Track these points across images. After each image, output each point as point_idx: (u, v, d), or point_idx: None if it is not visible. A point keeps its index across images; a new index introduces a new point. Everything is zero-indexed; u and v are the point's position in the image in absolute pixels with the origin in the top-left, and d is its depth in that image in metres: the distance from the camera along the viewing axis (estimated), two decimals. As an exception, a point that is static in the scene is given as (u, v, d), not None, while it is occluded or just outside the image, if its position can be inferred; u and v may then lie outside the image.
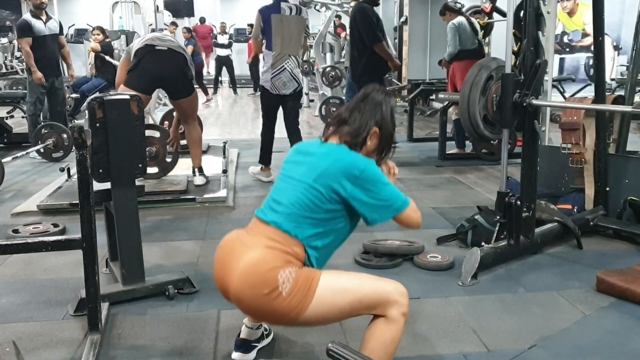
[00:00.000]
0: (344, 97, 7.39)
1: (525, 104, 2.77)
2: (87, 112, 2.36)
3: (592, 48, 3.38)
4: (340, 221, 1.73)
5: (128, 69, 3.89)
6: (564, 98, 7.74)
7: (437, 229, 3.47)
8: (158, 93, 7.81)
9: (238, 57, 14.13)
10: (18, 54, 11.86)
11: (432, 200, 4.20)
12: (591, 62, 5.31)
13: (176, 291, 2.59)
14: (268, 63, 4.50)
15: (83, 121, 2.31)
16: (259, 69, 4.77)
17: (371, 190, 1.69)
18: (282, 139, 4.81)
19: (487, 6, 6.88)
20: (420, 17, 11.04)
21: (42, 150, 5.52)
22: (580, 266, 2.92)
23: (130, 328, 2.31)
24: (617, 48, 9.58)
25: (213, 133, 7.49)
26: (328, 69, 8.20)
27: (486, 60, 3.20)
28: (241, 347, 2.06)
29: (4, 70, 10.73)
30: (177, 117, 4.59)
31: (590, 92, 3.84)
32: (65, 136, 5.56)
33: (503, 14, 6.12)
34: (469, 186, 4.65)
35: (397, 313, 1.63)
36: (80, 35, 12.79)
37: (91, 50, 7.66)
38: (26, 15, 6.04)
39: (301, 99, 5.01)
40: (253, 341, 2.07)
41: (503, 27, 3.00)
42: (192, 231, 3.54)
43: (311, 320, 1.65)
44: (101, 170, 2.39)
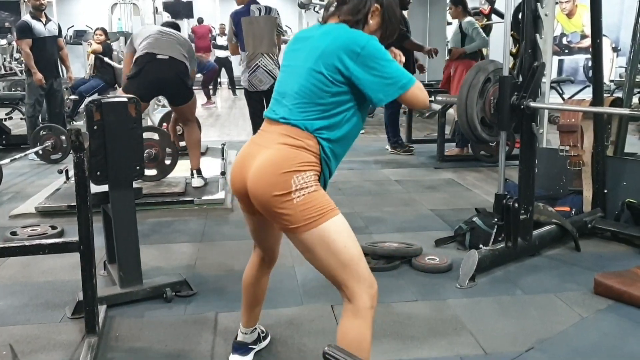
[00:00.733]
0: None
1: (523, 107, 2.77)
2: (85, 115, 2.35)
3: (590, 50, 3.38)
4: (348, 107, 1.65)
5: (128, 76, 3.89)
6: (563, 99, 7.75)
7: (435, 231, 3.47)
8: (157, 95, 7.80)
9: (237, 59, 14.12)
10: (17, 56, 11.85)
11: (431, 202, 4.20)
12: (590, 64, 5.31)
13: (174, 294, 2.58)
14: (244, 63, 4.71)
15: (82, 122, 2.31)
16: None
17: (374, 67, 1.60)
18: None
19: (486, 8, 6.91)
20: (419, 18, 11.05)
21: (41, 152, 5.52)
22: (578, 269, 2.92)
23: (127, 331, 2.31)
24: (616, 50, 9.60)
25: (212, 134, 7.49)
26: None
27: (484, 62, 3.21)
28: (238, 350, 2.06)
29: (3, 71, 10.72)
30: (175, 118, 4.62)
31: (589, 94, 3.84)
32: (63, 138, 5.56)
33: (501, 16, 6.13)
34: (467, 188, 4.65)
35: (364, 306, 1.59)
36: (79, 36, 12.79)
37: (92, 52, 7.66)
38: (26, 16, 6.05)
39: None
40: (250, 344, 2.07)
41: (501, 29, 3.00)
42: (190, 233, 3.54)
43: (303, 243, 1.60)
44: (99, 172, 2.39)
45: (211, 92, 12.85)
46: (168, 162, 4.33)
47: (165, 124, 5.52)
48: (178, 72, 3.91)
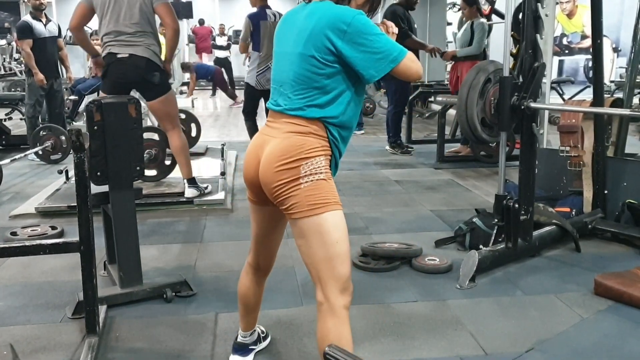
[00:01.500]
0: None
1: (523, 107, 2.77)
2: (85, 115, 2.35)
3: (591, 50, 3.38)
4: (345, 88, 1.64)
5: (101, 75, 3.81)
6: (563, 100, 7.75)
7: (435, 232, 3.47)
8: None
9: (237, 59, 14.12)
10: (16, 56, 11.85)
11: (431, 202, 4.20)
12: (590, 64, 5.32)
13: (174, 294, 2.58)
14: (255, 63, 5.16)
15: (82, 123, 2.31)
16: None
17: (363, 44, 1.56)
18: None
19: (486, 8, 6.90)
20: (419, 18, 11.05)
21: (41, 152, 5.52)
22: (578, 269, 2.93)
23: (127, 331, 2.31)
24: (617, 50, 9.60)
25: (211, 135, 7.48)
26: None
27: (484, 63, 3.21)
28: (239, 351, 2.06)
29: (3, 72, 10.72)
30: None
31: (589, 94, 3.84)
32: (63, 138, 5.56)
33: (501, 16, 6.13)
34: (467, 189, 4.65)
35: (339, 304, 1.59)
36: (79, 36, 12.75)
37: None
38: (26, 17, 6.05)
39: None
40: (250, 344, 2.07)
41: (501, 30, 3.00)
42: (190, 234, 3.54)
43: (300, 229, 1.60)
44: (99, 173, 2.39)
45: (215, 92, 12.87)
46: (168, 163, 4.33)
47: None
48: (138, 70, 3.68)
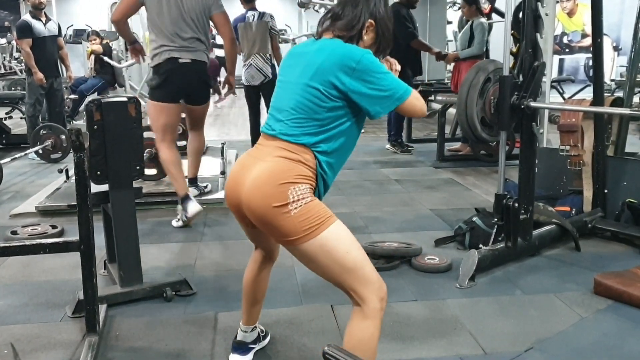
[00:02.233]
0: None
1: (523, 106, 2.77)
2: (85, 114, 2.36)
3: (591, 49, 3.38)
4: (345, 120, 1.66)
5: (154, 85, 3.59)
6: (564, 99, 7.75)
7: (435, 231, 3.47)
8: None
9: (240, 59, 14.10)
10: (17, 55, 11.85)
11: (430, 201, 4.20)
12: (590, 63, 5.31)
13: (174, 293, 2.59)
14: (241, 62, 5.26)
15: (82, 122, 2.32)
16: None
17: (370, 81, 1.61)
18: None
19: (486, 7, 6.89)
20: (419, 17, 11.04)
21: (41, 151, 5.53)
22: (577, 268, 2.93)
23: (127, 330, 2.31)
24: (617, 49, 9.59)
25: (211, 134, 7.47)
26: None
27: (484, 62, 3.21)
28: (238, 349, 2.06)
29: (3, 70, 10.72)
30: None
31: (589, 93, 3.83)
32: (63, 137, 5.56)
33: (502, 15, 6.12)
34: (467, 188, 4.65)
35: (373, 308, 1.59)
36: (78, 35, 12.78)
37: (92, 51, 7.66)
38: (26, 16, 6.05)
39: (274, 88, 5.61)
40: (250, 343, 2.07)
41: (501, 28, 3.00)
42: (190, 233, 3.54)
43: (305, 254, 1.60)
44: (99, 172, 2.39)
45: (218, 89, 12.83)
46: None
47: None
48: (200, 74, 3.64)
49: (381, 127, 7.60)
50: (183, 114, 3.92)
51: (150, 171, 4.11)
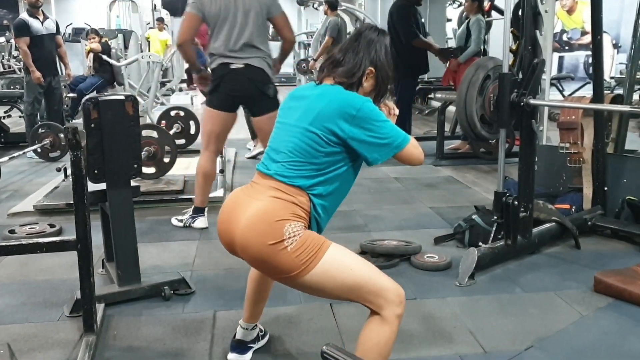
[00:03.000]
0: None
1: (522, 104, 2.76)
2: (82, 113, 2.34)
3: (591, 46, 3.37)
4: (342, 165, 1.68)
5: (208, 90, 3.50)
6: (563, 96, 7.73)
7: (435, 229, 3.46)
8: (155, 92, 7.79)
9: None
10: (15, 53, 11.82)
11: (430, 199, 4.19)
12: (590, 61, 5.30)
13: (172, 292, 2.58)
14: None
15: (81, 120, 2.31)
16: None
17: (369, 128, 1.64)
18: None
19: (486, 4, 6.86)
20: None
21: (39, 150, 5.51)
22: (577, 266, 2.92)
23: (125, 329, 2.30)
24: (617, 46, 9.57)
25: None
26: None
27: (483, 59, 3.19)
28: (237, 348, 2.05)
29: (1, 69, 10.69)
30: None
31: (589, 91, 3.83)
32: (62, 136, 5.54)
33: (501, 12, 6.10)
34: (467, 186, 4.64)
35: (392, 314, 1.60)
36: (77, 34, 12.78)
37: (91, 50, 7.64)
38: (23, 14, 6.02)
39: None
40: (249, 342, 2.07)
41: (501, 26, 2.99)
42: (189, 232, 3.53)
43: (309, 285, 1.61)
44: (96, 171, 2.37)
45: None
46: (166, 160, 4.32)
47: (163, 122, 5.52)
48: (255, 81, 3.40)
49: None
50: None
51: (148, 169, 4.10)
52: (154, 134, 4.23)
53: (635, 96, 5.09)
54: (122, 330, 2.29)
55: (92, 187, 2.34)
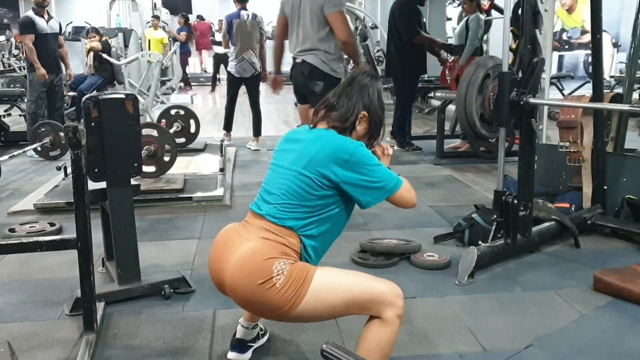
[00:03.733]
0: None
1: (522, 103, 2.76)
2: (82, 111, 2.35)
3: (590, 45, 3.37)
4: (334, 207, 1.71)
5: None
6: (563, 95, 7.73)
7: (434, 228, 3.46)
8: (155, 91, 7.79)
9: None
10: (16, 52, 11.82)
11: (430, 198, 4.19)
12: (590, 60, 5.29)
13: (172, 291, 2.58)
14: (233, 55, 6.09)
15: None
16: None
17: (362, 172, 1.68)
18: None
19: (485, 3, 6.86)
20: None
21: (40, 148, 5.51)
22: (577, 265, 2.92)
23: (125, 328, 2.30)
24: (616, 45, 9.56)
25: (211, 131, 7.46)
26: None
27: (483, 58, 3.19)
28: (237, 347, 2.05)
29: (2, 68, 10.68)
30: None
31: (589, 90, 3.83)
32: (62, 135, 5.54)
33: (501, 11, 6.10)
34: (467, 184, 4.64)
35: (392, 315, 1.61)
36: (77, 33, 12.76)
37: (91, 48, 7.64)
38: (29, 12, 6.07)
39: (259, 82, 6.37)
40: (249, 341, 2.07)
41: (501, 25, 2.99)
42: (189, 230, 3.53)
43: (304, 315, 1.62)
44: (96, 169, 2.37)
45: (209, 89, 12.88)
46: (167, 159, 4.32)
47: (164, 121, 5.51)
48: (304, 75, 3.73)
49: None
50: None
51: (148, 168, 4.10)
52: (154, 133, 4.23)
53: (634, 95, 5.08)
54: (122, 328, 2.30)
55: (92, 186, 2.34)
